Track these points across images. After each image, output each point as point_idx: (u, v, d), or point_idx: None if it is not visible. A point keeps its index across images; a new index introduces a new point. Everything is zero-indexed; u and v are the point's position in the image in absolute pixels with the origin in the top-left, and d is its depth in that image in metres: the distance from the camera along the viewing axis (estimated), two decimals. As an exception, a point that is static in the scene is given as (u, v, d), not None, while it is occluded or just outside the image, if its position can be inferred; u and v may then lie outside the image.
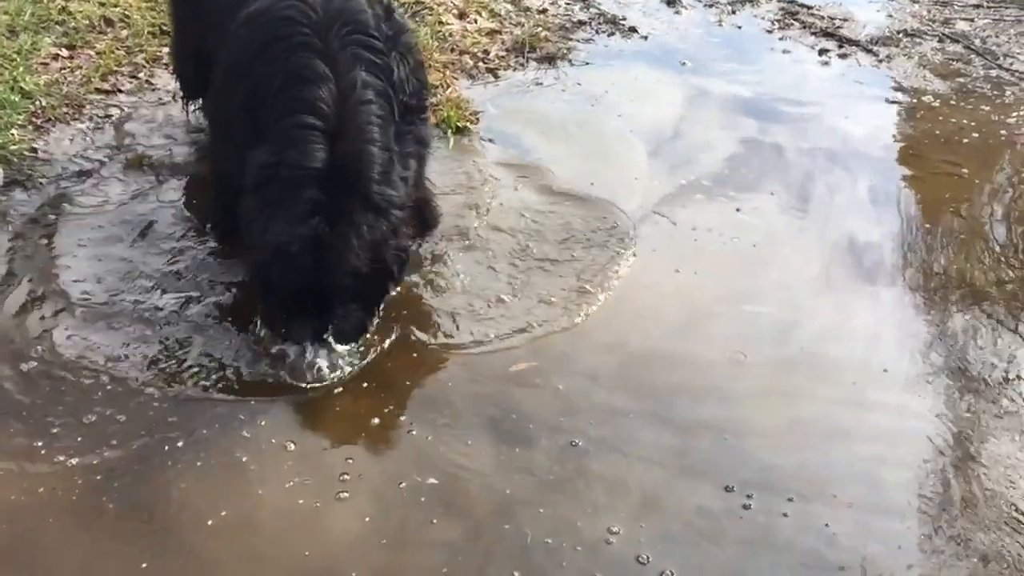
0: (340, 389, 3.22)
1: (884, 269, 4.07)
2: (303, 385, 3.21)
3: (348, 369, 3.28)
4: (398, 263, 3.30)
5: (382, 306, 3.40)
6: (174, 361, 3.28)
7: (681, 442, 3.11)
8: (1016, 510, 2.96)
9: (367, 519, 2.78)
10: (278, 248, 3.09)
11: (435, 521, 2.78)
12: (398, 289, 3.47)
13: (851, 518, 2.90)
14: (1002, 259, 4.16)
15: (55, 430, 2.99)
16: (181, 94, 4.40)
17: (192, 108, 4.43)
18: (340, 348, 3.27)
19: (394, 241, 3.24)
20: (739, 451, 3.09)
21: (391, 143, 3.28)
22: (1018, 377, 3.51)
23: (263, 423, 3.07)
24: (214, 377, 3.23)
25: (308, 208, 3.06)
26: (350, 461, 2.94)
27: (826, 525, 2.85)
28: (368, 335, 3.37)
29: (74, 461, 2.88)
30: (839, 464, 3.10)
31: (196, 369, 3.25)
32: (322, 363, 3.21)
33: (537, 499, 2.86)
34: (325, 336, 3.23)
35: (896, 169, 4.81)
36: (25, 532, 2.70)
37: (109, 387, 3.16)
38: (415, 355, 3.40)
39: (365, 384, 3.24)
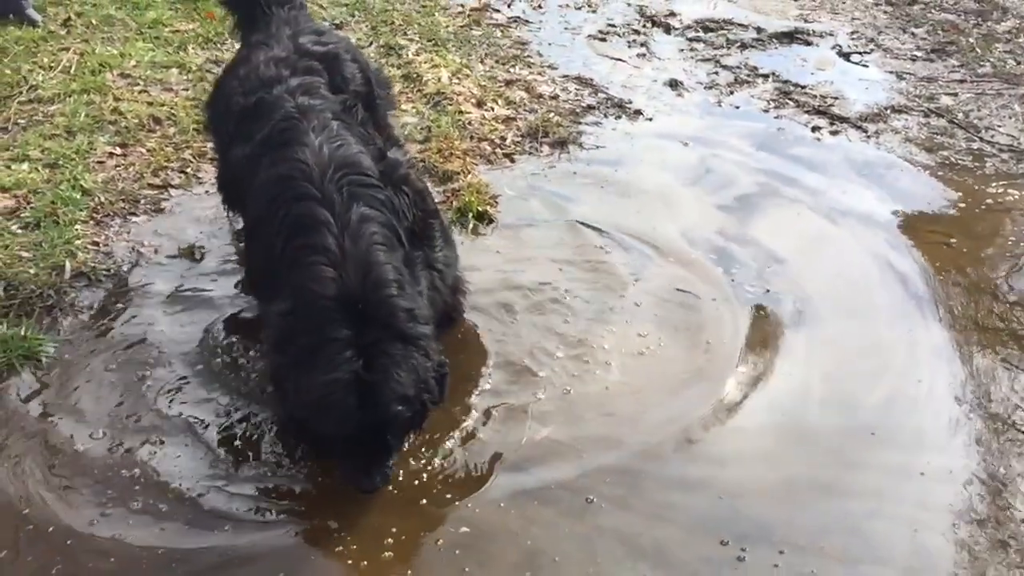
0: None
1: (875, 338, 4.38)
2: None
3: None
4: (439, 382, 3.34)
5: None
6: (229, 453, 3.61)
7: (681, 499, 3.47)
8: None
9: (408, 571, 3.16)
10: (320, 400, 3.09)
11: (467, 569, 3.16)
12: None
13: (839, 569, 3.23)
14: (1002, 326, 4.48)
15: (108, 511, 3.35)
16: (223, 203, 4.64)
17: (232, 214, 4.70)
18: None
19: (430, 362, 3.28)
20: (733, 507, 3.44)
21: (400, 266, 3.37)
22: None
23: (307, 507, 3.40)
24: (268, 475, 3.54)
25: (338, 349, 3.09)
26: (393, 529, 3.30)
27: (812, 572, 3.20)
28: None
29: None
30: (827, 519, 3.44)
31: (249, 463, 3.57)
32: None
33: (555, 550, 3.23)
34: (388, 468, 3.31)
35: (888, 240, 5.10)
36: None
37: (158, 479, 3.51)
38: (440, 426, 3.69)
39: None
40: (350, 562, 3.19)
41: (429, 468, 3.54)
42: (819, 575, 3.19)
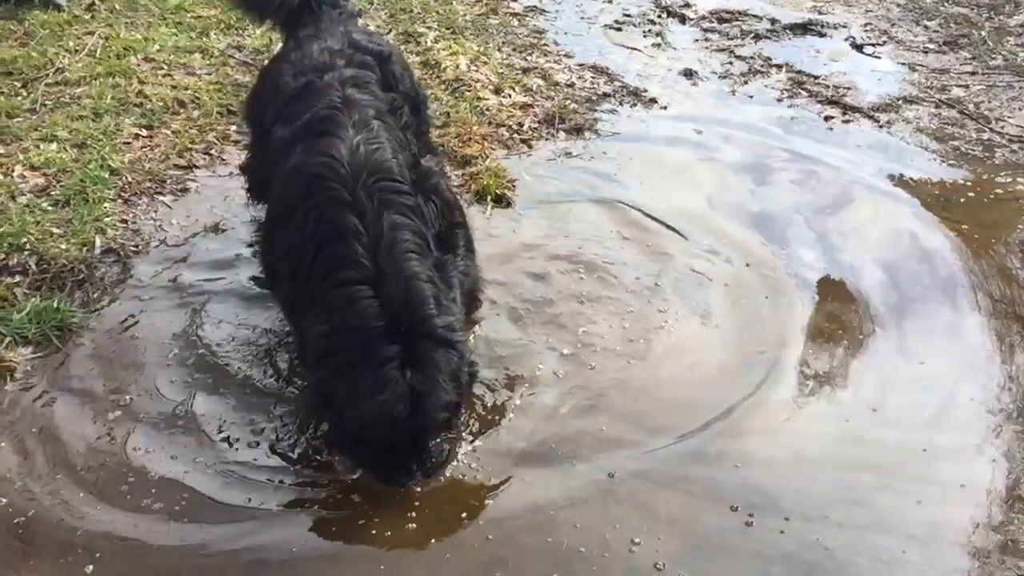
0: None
1: (893, 320, 4.46)
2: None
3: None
4: (470, 382, 3.51)
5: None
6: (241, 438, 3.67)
7: (697, 472, 3.59)
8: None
9: (432, 540, 3.28)
10: (379, 411, 3.17)
11: (490, 537, 3.29)
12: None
13: (843, 535, 3.34)
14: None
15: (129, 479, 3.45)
16: (246, 192, 4.75)
17: (253, 204, 4.77)
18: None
19: (466, 366, 3.43)
20: (744, 477, 3.57)
21: (433, 274, 3.44)
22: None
23: (329, 482, 3.50)
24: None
25: (391, 364, 3.17)
26: (417, 502, 3.40)
27: (816, 539, 3.32)
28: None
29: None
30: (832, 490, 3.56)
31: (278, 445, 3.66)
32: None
33: (574, 518, 3.36)
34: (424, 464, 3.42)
35: (899, 226, 5.19)
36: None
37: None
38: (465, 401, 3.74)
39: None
40: (374, 532, 3.29)
41: (452, 443, 3.62)
42: (824, 542, 3.31)
